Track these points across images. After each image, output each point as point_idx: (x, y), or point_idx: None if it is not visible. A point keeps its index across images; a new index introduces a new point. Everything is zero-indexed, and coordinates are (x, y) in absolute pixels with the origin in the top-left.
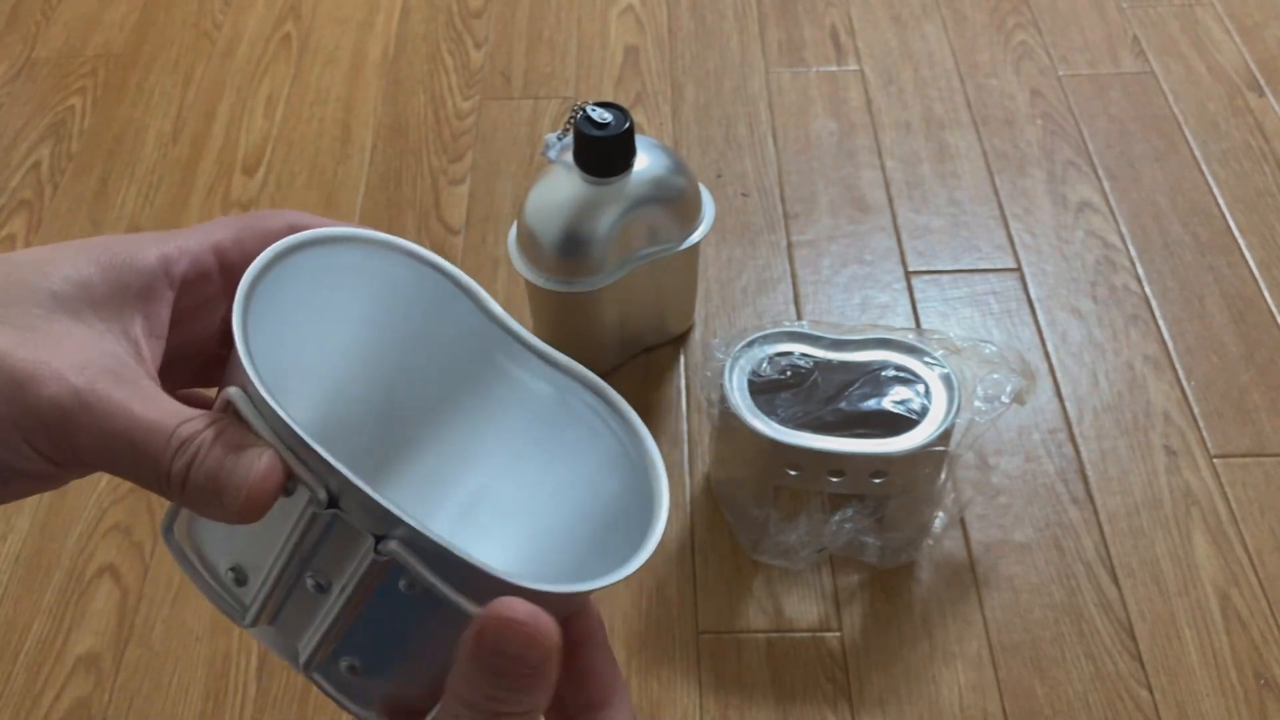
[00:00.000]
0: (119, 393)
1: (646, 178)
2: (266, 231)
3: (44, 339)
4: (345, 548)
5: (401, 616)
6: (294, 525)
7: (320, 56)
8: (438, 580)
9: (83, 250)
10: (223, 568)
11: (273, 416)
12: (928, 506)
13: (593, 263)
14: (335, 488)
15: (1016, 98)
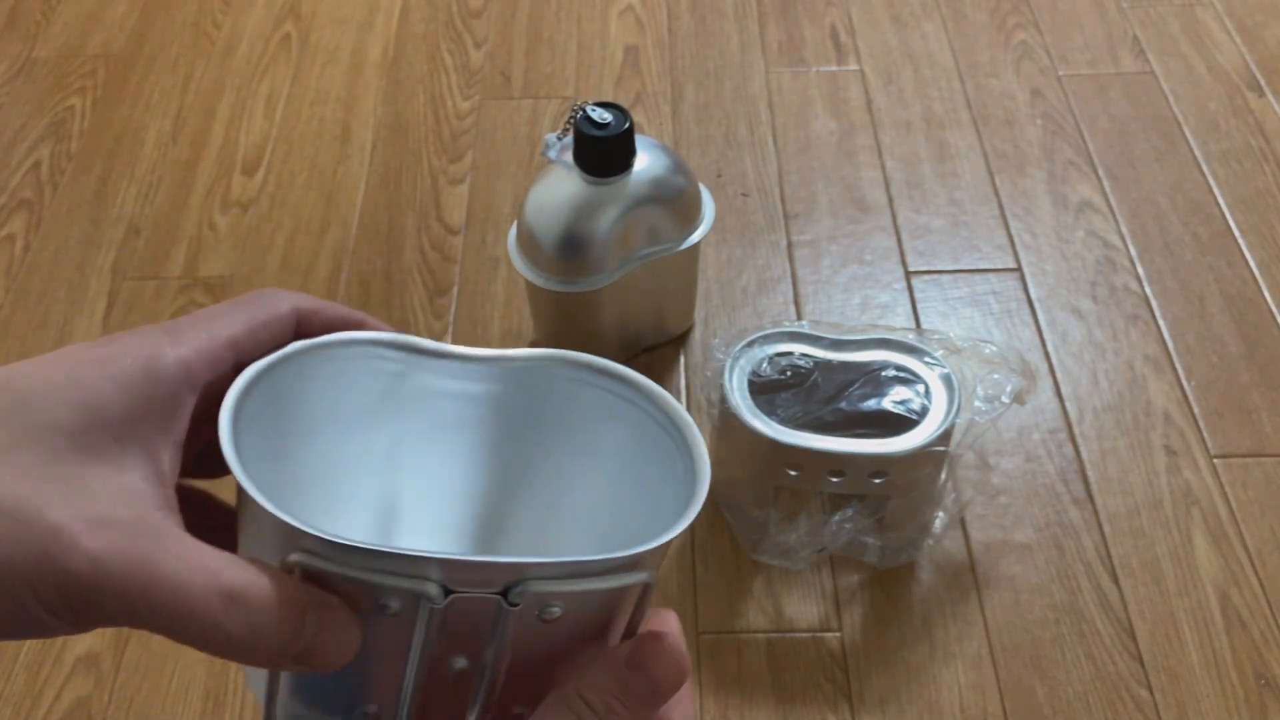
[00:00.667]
0: (141, 550)
1: (646, 178)
2: (273, 317)
3: (55, 490)
4: (475, 618)
5: (548, 645)
6: (414, 633)
7: (320, 56)
8: (578, 588)
9: (94, 364)
10: (345, 715)
11: (349, 556)
12: (928, 507)
13: (593, 263)
14: (440, 577)
15: (1017, 97)
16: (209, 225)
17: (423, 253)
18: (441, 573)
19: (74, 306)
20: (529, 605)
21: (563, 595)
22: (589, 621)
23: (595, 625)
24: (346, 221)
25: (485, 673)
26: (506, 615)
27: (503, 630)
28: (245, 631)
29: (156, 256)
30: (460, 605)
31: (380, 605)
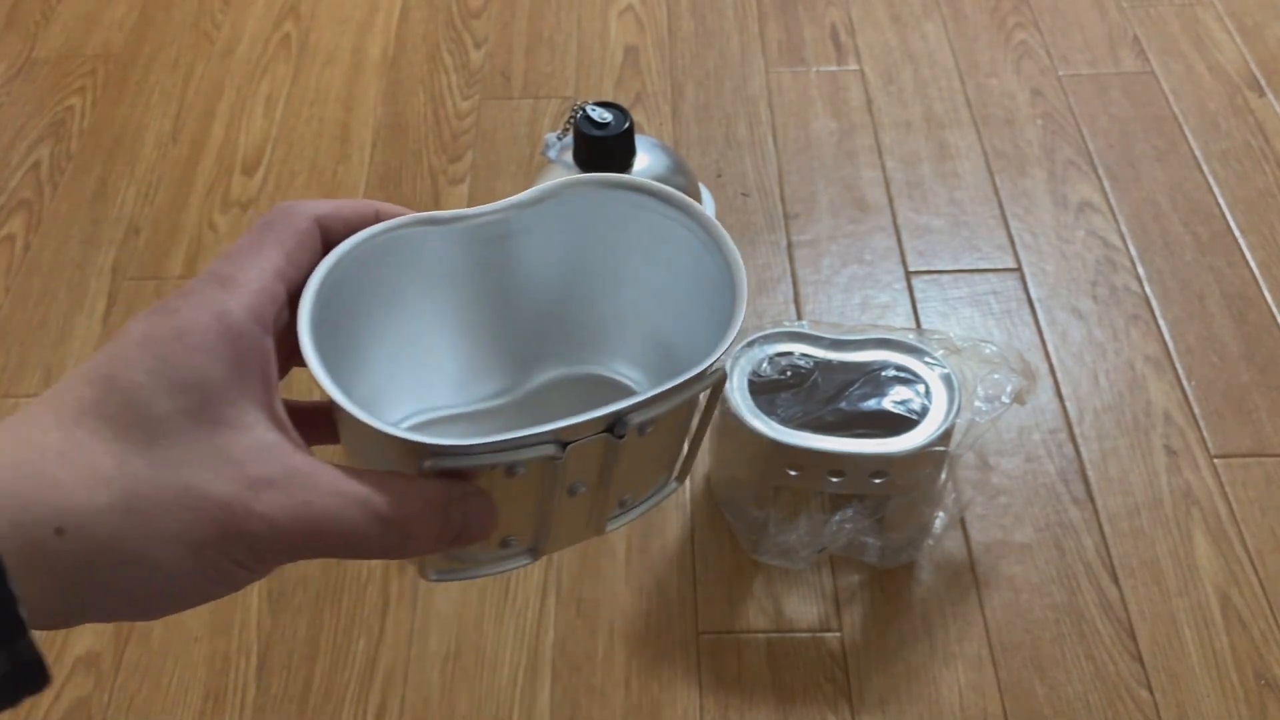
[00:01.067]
0: (302, 501)
1: (646, 177)
2: (303, 234)
3: (206, 469)
4: (585, 457)
5: (648, 448)
6: (539, 482)
7: (320, 56)
8: (667, 408)
9: (176, 342)
10: (491, 548)
11: (477, 450)
12: (928, 507)
13: None
14: (555, 439)
15: (1017, 97)
16: (209, 225)
17: None
18: (557, 435)
19: (74, 306)
20: (631, 431)
21: (656, 417)
22: (680, 420)
23: (682, 422)
24: None
25: (607, 485)
26: (615, 445)
27: (613, 455)
28: (401, 541)
29: (156, 256)
30: (576, 450)
31: (509, 471)
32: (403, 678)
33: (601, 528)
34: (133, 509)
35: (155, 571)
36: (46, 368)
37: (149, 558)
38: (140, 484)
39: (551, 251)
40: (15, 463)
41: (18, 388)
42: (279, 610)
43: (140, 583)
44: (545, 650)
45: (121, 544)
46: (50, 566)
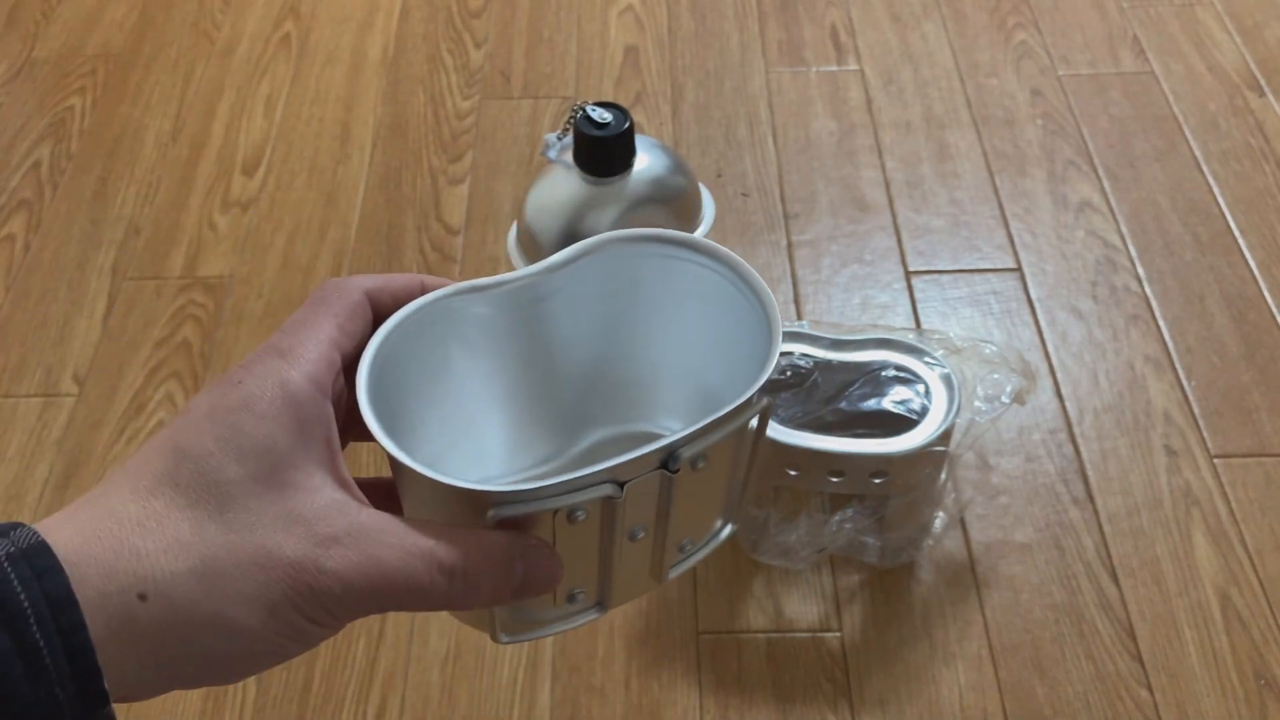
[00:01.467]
0: (369, 556)
1: (646, 177)
2: (354, 307)
3: (280, 531)
4: (642, 497)
5: (703, 487)
6: (600, 527)
7: (320, 56)
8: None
9: (243, 411)
10: (558, 603)
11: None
12: (928, 507)
13: None
14: (612, 478)
15: (1017, 97)
16: (209, 225)
17: (423, 253)
18: (613, 474)
19: (74, 306)
20: (685, 466)
21: (708, 449)
22: (730, 455)
23: (736, 457)
24: (346, 221)
25: (665, 527)
26: (670, 482)
27: (669, 493)
28: (466, 593)
29: (156, 256)
30: (633, 490)
31: (570, 517)
32: (403, 678)
33: (662, 575)
34: (210, 571)
35: (235, 634)
36: (47, 368)
37: (227, 619)
38: (216, 549)
39: (588, 311)
40: (98, 533)
41: (18, 388)
42: None
43: (220, 644)
44: (545, 650)
45: (201, 606)
46: (135, 634)
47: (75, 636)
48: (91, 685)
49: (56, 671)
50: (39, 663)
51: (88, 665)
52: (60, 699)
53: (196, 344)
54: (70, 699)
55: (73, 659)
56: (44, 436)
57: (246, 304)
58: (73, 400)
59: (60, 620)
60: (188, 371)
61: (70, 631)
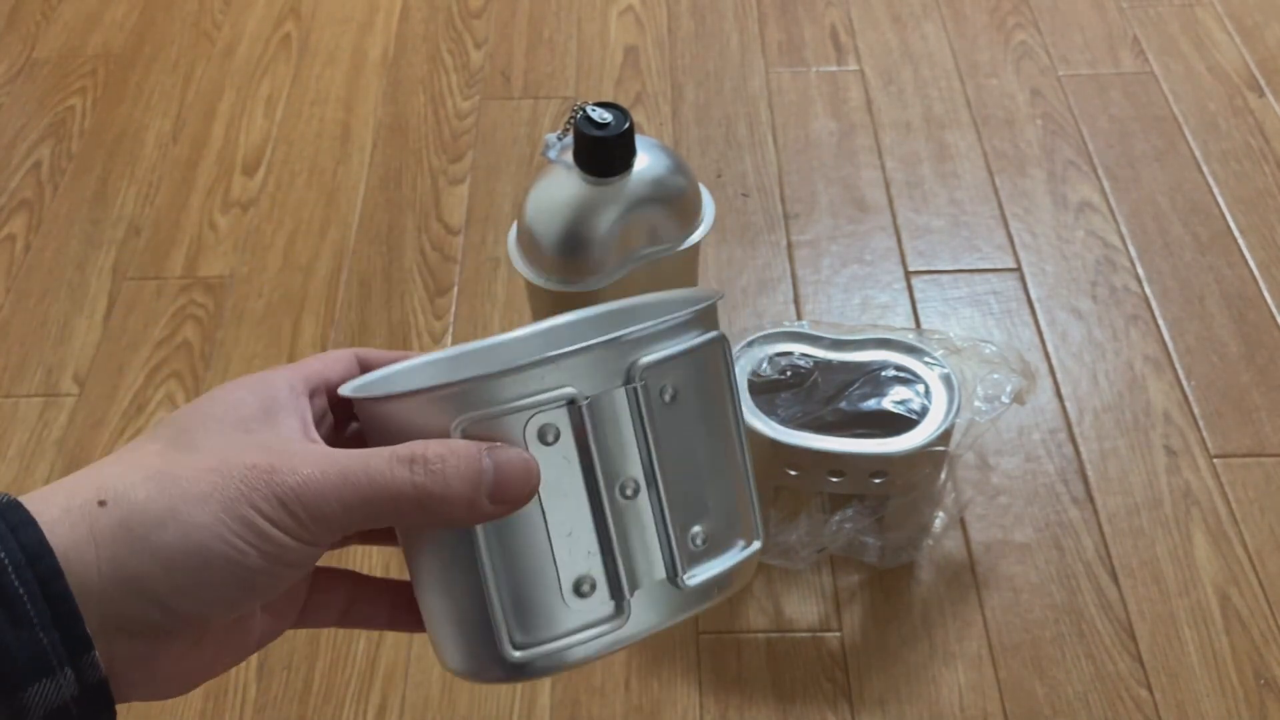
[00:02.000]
0: (328, 458)
1: (647, 178)
2: (342, 355)
3: (247, 449)
4: (616, 424)
5: (689, 442)
6: (578, 457)
7: (320, 56)
8: (675, 351)
9: (228, 391)
10: (568, 599)
11: (494, 389)
12: (928, 506)
13: (593, 263)
14: (571, 380)
15: (1016, 97)
16: (209, 225)
17: (423, 253)
18: (570, 371)
19: (74, 306)
20: (649, 386)
21: (667, 364)
22: (703, 403)
23: (709, 409)
24: (347, 221)
25: (655, 483)
26: (636, 399)
27: (641, 419)
28: (437, 482)
29: (157, 256)
30: (601, 409)
31: (541, 435)
32: (403, 677)
33: (677, 571)
34: (167, 478)
35: (190, 529)
36: (47, 368)
37: (181, 514)
38: (176, 464)
39: None
40: (72, 476)
41: (18, 388)
42: None
43: (177, 542)
44: None
45: (156, 503)
46: (95, 536)
47: (54, 584)
48: (75, 630)
49: (39, 618)
50: (20, 610)
51: (68, 611)
52: (45, 644)
53: (197, 344)
54: (54, 644)
55: (53, 604)
56: (44, 436)
57: (247, 304)
58: (73, 400)
59: (38, 568)
60: (188, 371)
61: (48, 579)
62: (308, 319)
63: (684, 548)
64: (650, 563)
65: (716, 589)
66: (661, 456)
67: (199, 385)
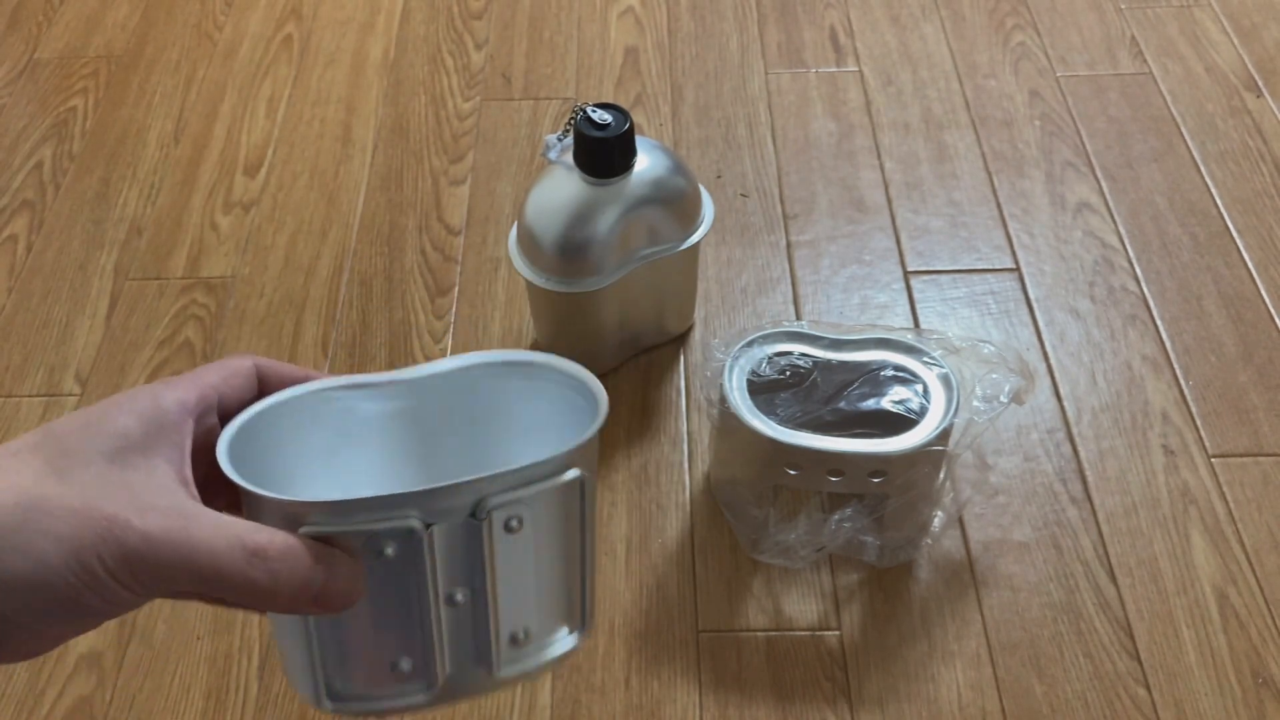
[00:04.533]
0: (180, 525)
1: (647, 178)
2: (240, 369)
3: (107, 492)
4: (457, 546)
5: (525, 561)
6: (410, 571)
7: (321, 57)
8: (528, 493)
9: (115, 406)
10: (382, 671)
11: (342, 512)
12: (926, 506)
13: (593, 263)
14: (418, 511)
15: (1015, 98)
16: (211, 226)
17: (424, 253)
18: (419, 506)
19: (76, 307)
20: (495, 520)
21: (517, 503)
22: (548, 530)
23: (555, 533)
24: (348, 222)
25: (485, 597)
26: (478, 531)
27: (480, 547)
28: (268, 579)
29: (159, 257)
30: (442, 536)
31: (377, 551)
32: None
33: (492, 666)
34: (33, 508)
35: (39, 565)
36: (49, 368)
37: (35, 549)
38: (47, 494)
39: (460, 411)
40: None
41: (20, 388)
42: None
43: (25, 572)
44: None
45: (17, 534)
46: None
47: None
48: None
49: None
50: None
51: None
52: None
53: (199, 344)
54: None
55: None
56: None
57: (248, 304)
58: (75, 400)
59: None
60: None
61: None
62: (309, 319)
63: (502, 646)
64: (468, 654)
65: (532, 675)
66: (495, 575)
67: None
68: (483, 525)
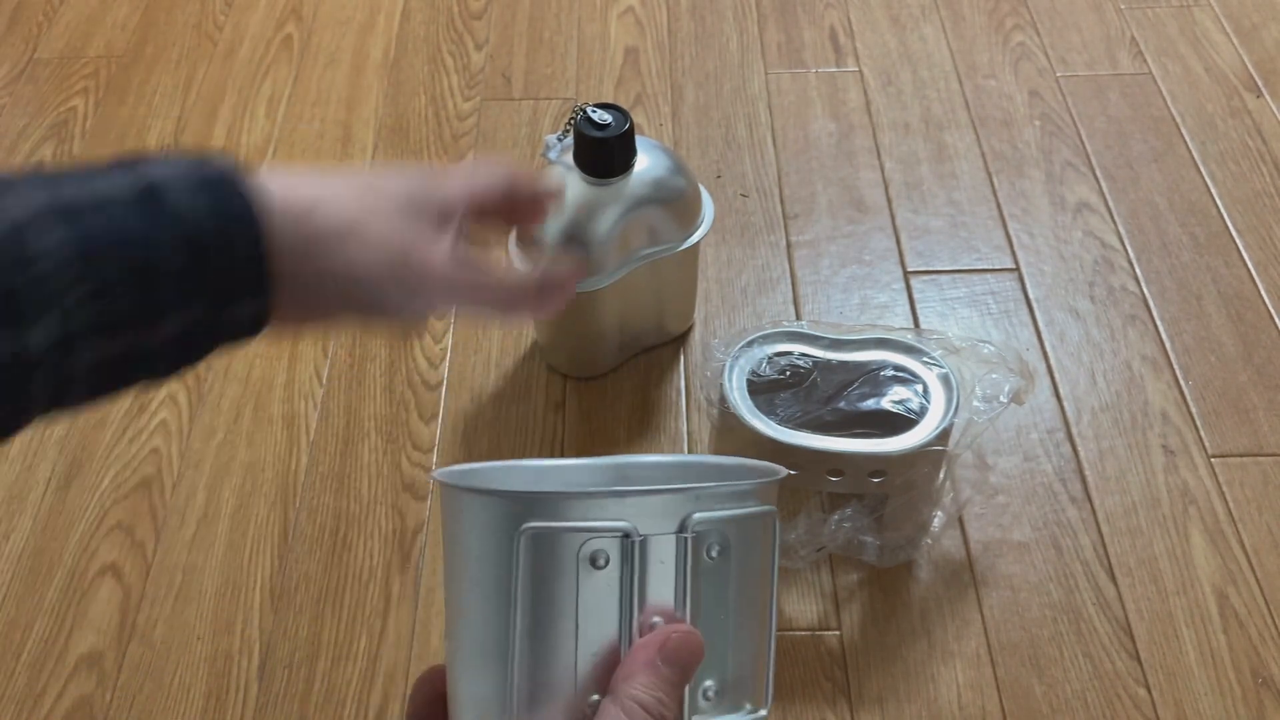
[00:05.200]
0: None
1: (647, 179)
2: (490, 178)
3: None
4: (662, 565)
5: (722, 592)
6: (619, 588)
7: (321, 57)
8: (728, 514)
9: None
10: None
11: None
12: (926, 506)
13: (593, 263)
14: (634, 517)
15: (1015, 99)
16: None
17: None
18: (630, 508)
19: None
20: (698, 539)
21: (719, 524)
22: (744, 567)
23: (750, 573)
24: None
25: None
26: (685, 548)
27: (686, 568)
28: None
29: None
30: (651, 549)
31: (593, 558)
32: (404, 676)
33: (684, 718)
34: (363, 189)
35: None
36: None
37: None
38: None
39: None
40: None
41: None
42: (281, 609)
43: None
44: None
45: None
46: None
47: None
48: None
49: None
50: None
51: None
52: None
53: None
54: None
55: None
56: (46, 436)
57: None
58: None
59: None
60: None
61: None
62: None
63: (694, 696)
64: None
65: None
66: (695, 606)
67: (200, 385)
68: (688, 543)
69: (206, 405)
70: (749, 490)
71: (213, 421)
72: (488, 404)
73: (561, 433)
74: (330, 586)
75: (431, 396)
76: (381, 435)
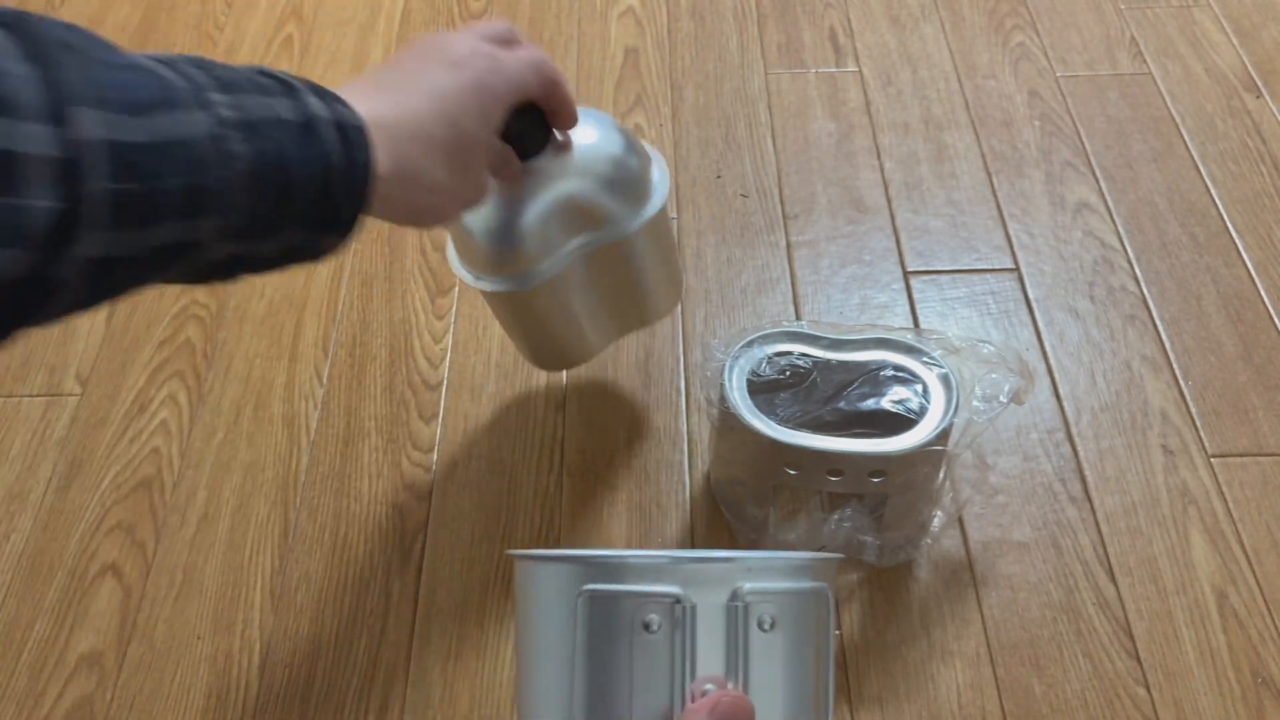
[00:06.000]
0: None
1: (575, 155)
2: (528, 87)
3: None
4: (711, 633)
5: (773, 666)
6: (670, 652)
7: (322, 58)
8: (780, 587)
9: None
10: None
11: (620, 572)
12: (926, 506)
13: (529, 254)
14: (684, 583)
15: (1014, 99)
16: None
17: (424, 253)
18: (681, 576)
19: None
20: (750, 610)
21: (770, 596)
22: (796, 641)
23: (802, 647)
24: None
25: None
26: (736, 617)
27: (739, 637)
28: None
29: None
30: (702, 617)
31: (646, 624)
32: (404, 676)
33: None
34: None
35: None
36: (50, 367)
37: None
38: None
39: None
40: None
41: (20, 388)
42: (281, 609)
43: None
44: None
45: (436, 166)
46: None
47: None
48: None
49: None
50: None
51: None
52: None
53: (199, 344)
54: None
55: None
56: (47, 436)
57: (249, 305)
58: (76, 400)
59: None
60: (190, 371)
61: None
62: (309, 318)
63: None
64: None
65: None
66: (746, 675)
67: (201, 385)
68: (739, 611)
69: (207, 405)
70: (802, 566)
71: (213, 421)
72: (487, 404)
73: (562, 432)
74: (330, 586)
75: (431, 396)
76: (382, 435)
